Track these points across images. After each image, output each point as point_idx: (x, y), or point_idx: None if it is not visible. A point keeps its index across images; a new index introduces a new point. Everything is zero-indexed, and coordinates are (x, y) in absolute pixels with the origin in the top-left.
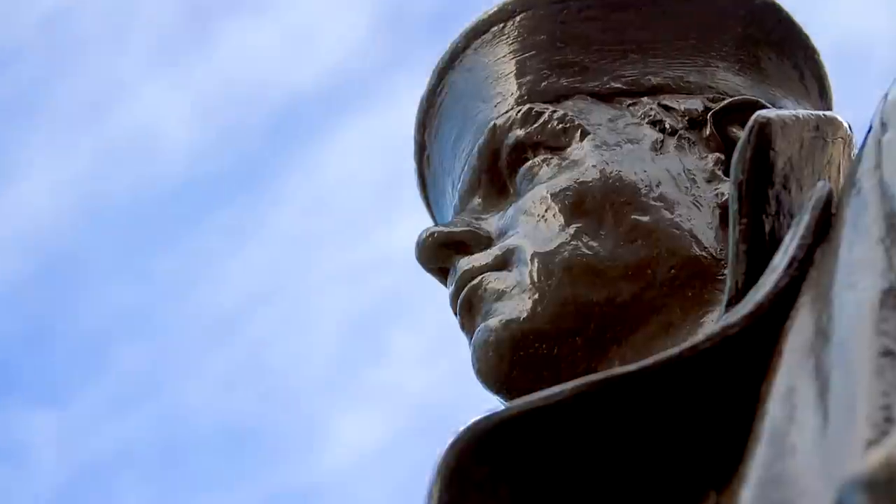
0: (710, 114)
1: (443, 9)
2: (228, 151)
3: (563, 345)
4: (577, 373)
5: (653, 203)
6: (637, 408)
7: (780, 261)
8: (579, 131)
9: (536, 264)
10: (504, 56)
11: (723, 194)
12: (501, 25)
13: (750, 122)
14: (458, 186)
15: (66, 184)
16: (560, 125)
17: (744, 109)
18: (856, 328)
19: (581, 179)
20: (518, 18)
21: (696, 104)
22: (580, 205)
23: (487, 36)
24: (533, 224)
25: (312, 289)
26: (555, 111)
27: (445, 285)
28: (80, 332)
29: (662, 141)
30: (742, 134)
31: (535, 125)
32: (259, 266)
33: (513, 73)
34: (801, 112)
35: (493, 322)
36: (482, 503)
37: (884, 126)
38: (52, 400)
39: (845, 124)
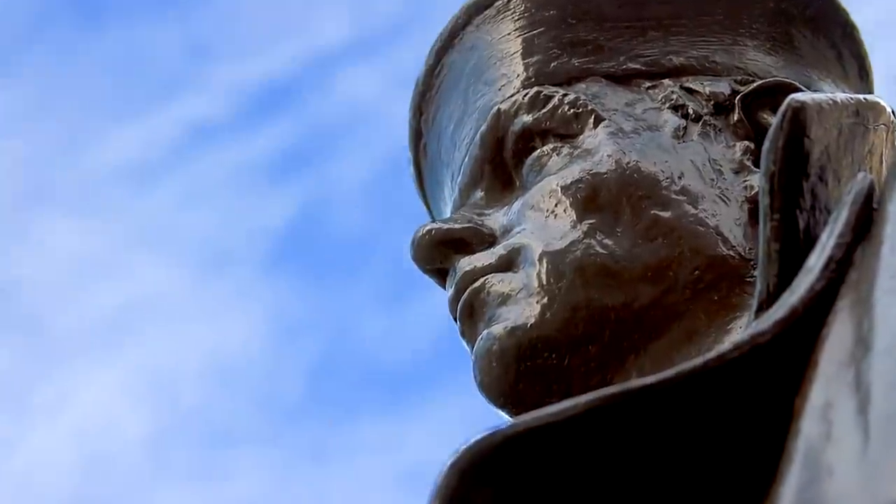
0: (738, 98)
1: None
2: None
3: (575, 354)
4: (591, 385)
5: (674, 197)
6: (657, 424)
7: (816, 261)
8: (593, 117)
9: (545, 265)
10: (509, 33)
11: (752, 187)
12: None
13: (782, 107)
14: (459, 179)
15: None
16: (571, 110)
17: (775, 93)
18: None
19: (595, 171)
20: None
21: (722, 87)
22: (594, 199)
23: (490, 11)
24: (541, 220)
25: None
26: (565, 95)
27: (444, 288)
28: None
29: (685, 128)
30: (774, 120)
31: (544, 110)
32: None
33: (519, 53)
34: (840, 96)
35: (498, 329)
36: None
37: None
38: None
39: (888, 109)
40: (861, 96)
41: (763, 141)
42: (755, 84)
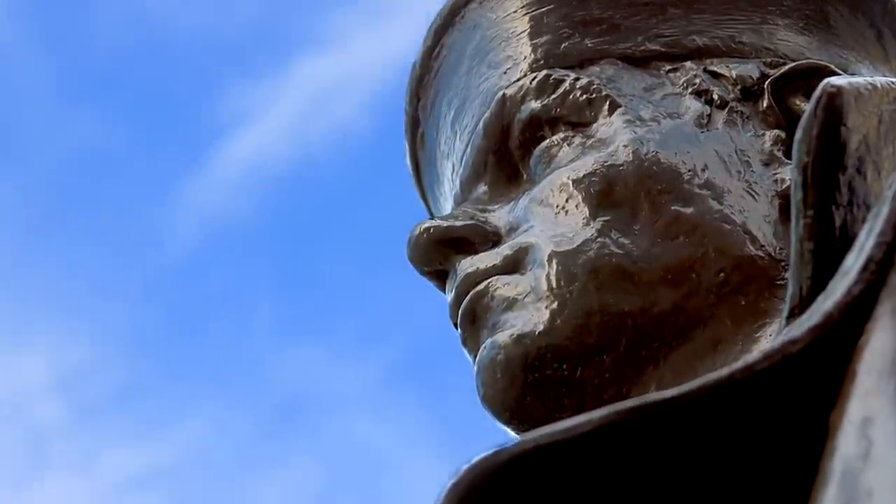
0: (767, 82)
1: None
2: None
3: (588, 365)
4: (605, 399)
5: (697, 191)
6: (678, 442)
7: (854, 262)
8: (608, 103)
9: (555, 266)
10: (515, 11)
11: (783, 180)
12: None
13: (817, 92)
14: (460, 171)
15: None
16: (584, 96)
17: (809, 76)
18: None
19: (610, 162)
20: None
21: (750, 70)
22: (609, 193)
23: None
24: (551, 217)
25: None
26: (578, 78)
27: (444, 292)
28: None
29: (709, 115)
30: (807, 106)
31: (554, 96)
32: None
33: (526, 32)
34: (880, 80)
35: (503, 337)
36: None
37: None
38: None
39: None
40: None
41: (795, 129)
42: (786, 67)
